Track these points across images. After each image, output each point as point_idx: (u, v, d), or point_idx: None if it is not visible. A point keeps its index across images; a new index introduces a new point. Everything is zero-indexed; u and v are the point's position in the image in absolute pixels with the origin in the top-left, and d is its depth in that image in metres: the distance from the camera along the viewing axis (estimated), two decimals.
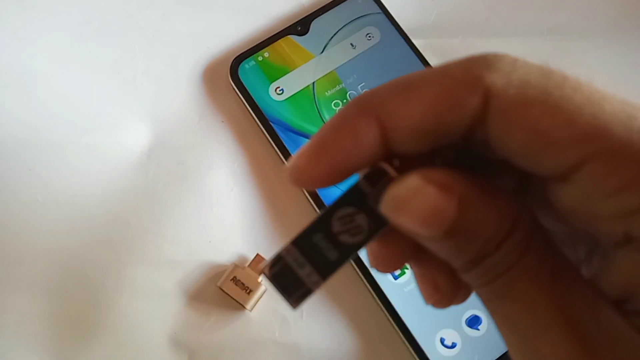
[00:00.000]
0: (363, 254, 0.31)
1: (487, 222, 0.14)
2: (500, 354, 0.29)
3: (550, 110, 0.13)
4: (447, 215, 0.13)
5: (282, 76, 0.33)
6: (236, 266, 0.29)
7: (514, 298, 0.14)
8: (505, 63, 0.13)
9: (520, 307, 0.14)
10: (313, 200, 0.31)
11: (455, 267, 0.15)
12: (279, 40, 0.34)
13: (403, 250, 0.16)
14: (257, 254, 0.30)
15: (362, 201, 0.15)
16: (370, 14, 0.35)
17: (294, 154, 0.15)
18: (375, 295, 0.30)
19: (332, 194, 0.31)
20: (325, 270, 0.15)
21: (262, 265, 0.16)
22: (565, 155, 0.13)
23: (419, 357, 0.29)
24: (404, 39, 0.34)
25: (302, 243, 0.15)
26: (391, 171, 0.15)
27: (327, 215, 0.15)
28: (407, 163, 0.15)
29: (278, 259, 0.15)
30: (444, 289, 0.17)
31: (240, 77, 0.33)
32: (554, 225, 0.16)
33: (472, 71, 0.13)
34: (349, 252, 0.15)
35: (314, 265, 0.15)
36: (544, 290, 0.13)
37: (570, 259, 0.14)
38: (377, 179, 0.15)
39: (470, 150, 0.16)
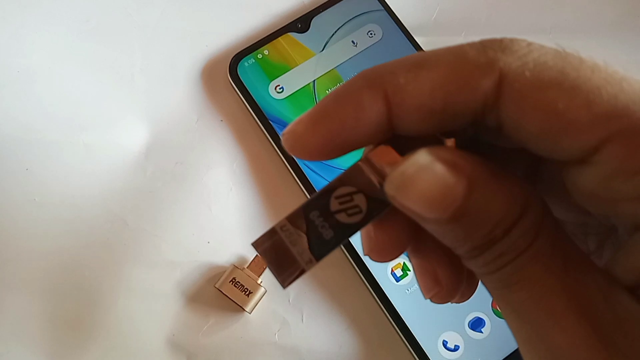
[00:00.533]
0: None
1: (497, 205, 0.13)
2: (504, 357, 0.29)
3: (568, 92, 0.12)
4: (456, 196, 0.13)
5: (282, 74, 0.33)
6: (235, 267, 0.29)
7: (524, 285, 0.13)
8: (520, 46, 0.13)
9: (531, 294, 0.13)
10: None
11: (460, 255, 0.14)
12: (279, 38, 0.33)
13: (400, 237, 0.16)
14: (257, 255, 0.29)
15: (362, 181, 0.15)
16: (371, 11, 0.34)
17: (294, 120, 0.15)
18: (376, 297, 0.29)
19: None
20: (318, 249, 0.15)
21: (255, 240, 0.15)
22: (585, 137, 0.12)
23: None
24: (406, 36, 0.34)
25: (298, 219, 0.15)
26: (393, 152, 0.15)
27: (325, 193, 0.15)
28: (411, 145, 0.15)
29: (271, 234, 0.15)
30: (443, 282, 0.16)
31: (239, 75, 0.33)
32: (563, 216, 0.16)
33: (486, 53, 0.13)
34: (344, 233, 0.15)
35: (308, 244, 0.15)
36: (556, 276, 0.13)
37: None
38: (379, 158, 0.15)
39: (478, 139, 0.15)
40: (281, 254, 0.15)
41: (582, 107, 0.12)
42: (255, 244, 0.15)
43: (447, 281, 0.16)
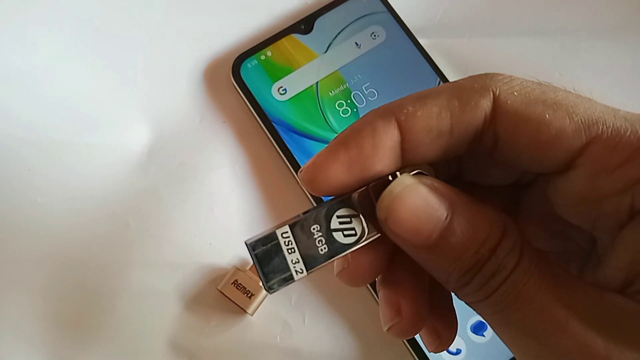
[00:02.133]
0: None
1: (479, 225, 0.14)
2: None
3: (551, 106, 0.15)
4: (440, 217, 0.14)
5: (285, 76, 0.33)
6: (237, 269, 0.29)
7: (525, 301, 0.14)
8: (503, 76, 0.15)
9: (533, 308, 0.14)
10: (315, 203, 0.31)
11: (453, 287, 0.15)
12: (282, 39, 0.33)
13: (373, 266, 0.17)
14: None
15: (364, 206, 0.15)
16: (375, 12, 0.34)
17: (312, 157, 0.16)
18: (377, 300, 0.29)
19: None
20: (312, 262, 0.15)
21: (249, 239, 0.15)
22: (570, 142, 0.14)
23: None
24: (410, 38, 0.34)
25: (299, 229, 0.15)
26: None
27: (329, 210, 0.15)
28: None
29: (270, 238, 0.15)
30: (404, 313, 0.17)
31: (242, 77, 0.32)
32: (544, 245, 0.17)
33: (477, 81, 0.15)
34: (337, 252, 0.15)
35: (303, 254, 0.15)
36: (551, 288, 0.14)
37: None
38: (382, 188, 0.15)
39: (459, 179, 0.17)
40: (275, 260, 0.15)
41: (565, 117, 0.14)
42: (252, 245, 0.15)
43: (408, 314, 0.17)
